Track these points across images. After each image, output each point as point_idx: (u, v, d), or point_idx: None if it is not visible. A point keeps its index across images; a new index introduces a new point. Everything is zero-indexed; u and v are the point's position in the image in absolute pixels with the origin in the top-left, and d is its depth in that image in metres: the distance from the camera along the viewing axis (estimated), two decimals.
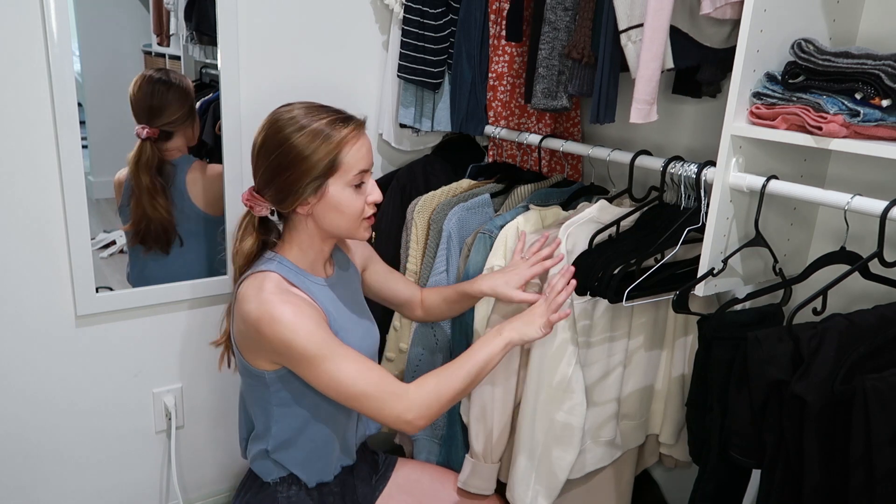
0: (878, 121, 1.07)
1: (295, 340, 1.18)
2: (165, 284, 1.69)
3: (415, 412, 1.21)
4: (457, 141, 1.98)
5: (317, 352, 1.19)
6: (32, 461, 1.64)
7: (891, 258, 1.11)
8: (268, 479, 1.37)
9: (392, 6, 1.77)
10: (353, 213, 1.27)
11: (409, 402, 1.21)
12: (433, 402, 1.22)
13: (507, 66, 1.68)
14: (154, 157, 1.64)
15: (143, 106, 1.62)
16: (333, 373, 1.20)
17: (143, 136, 1.62)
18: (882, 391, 0.97)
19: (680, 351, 1.59)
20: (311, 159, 1.21)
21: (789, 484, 1.10)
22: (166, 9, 1.61)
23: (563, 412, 1.40)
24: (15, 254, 1.50)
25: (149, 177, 1.64)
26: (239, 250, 1.30)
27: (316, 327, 1.20)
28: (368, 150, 1.27)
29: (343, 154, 1.23)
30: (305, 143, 1.21)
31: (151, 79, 1.63)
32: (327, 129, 1.22)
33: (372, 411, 1.21)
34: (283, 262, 1.28)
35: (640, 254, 1.32)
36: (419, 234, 1.70)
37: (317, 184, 1.23)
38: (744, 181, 1.21)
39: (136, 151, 1.63)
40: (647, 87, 1.28)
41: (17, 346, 1.56)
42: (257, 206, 1.28)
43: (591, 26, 1.38)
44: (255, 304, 1.20)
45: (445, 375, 1.24)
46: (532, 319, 1.28)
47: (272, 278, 1.23)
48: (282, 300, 1.20)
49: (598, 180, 1.77)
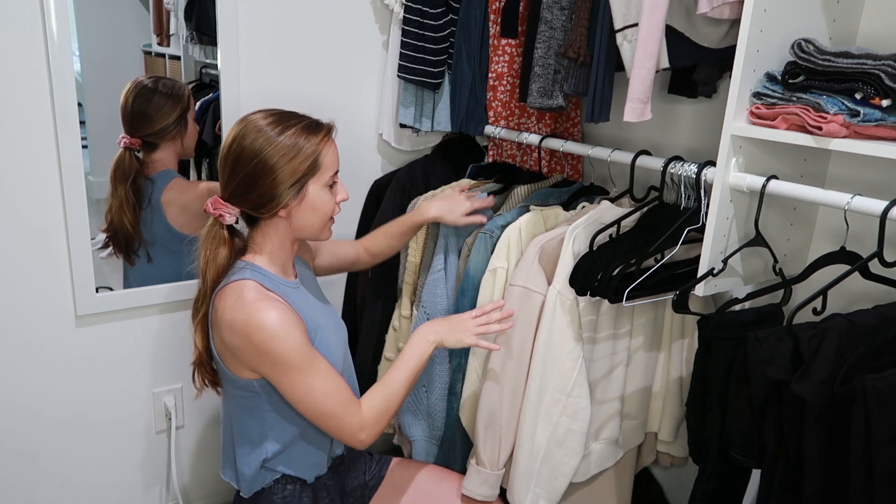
0: (878, 121, 1.07)
1: (280, 349, 1.20)
2: (165, 284, 1.69)
3: (367, 431, 1.27)
4: (457, 141, 1.97)
5: (297, 363, 1.21)
6: (32, 461, 1.64)
7: (891, 258, 1.11)
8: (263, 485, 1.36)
9: (392, 6, 1.77)
10: (326, 212, 1.31)
11: (363, 422, 1.26)
12: (382, 417, 1.29)
13: (507, 65, 1.68)
14: (132, 167, 1.61)
15: (125, 114, 1.60)
16: (308, 386, 1.23)
17: (121, 144, 1.59)
18: (882, 391, 0.97)
19: (677, 352, 1.59)
20: (294, 162, 1.23)
21: (789, 484, 1.10)
22: (166, 9, 1.61)
23: (567, 417, 1.40)
24: (15, 254, 1.50)
25: (123, 187, 1.61)
26: (211, 262, 1.28)
27: (299, 336, 1.22)
28: (337, 152, 1.32)
29: (322, 155, 1.26)
30: (287, 148, 1.23)
31: (139, 86, 1.60)
32: (305, 132, 1.26)
33: (330, 429, 1.26)
34: (256, 268, 1.28)
35: (640, 254, 1.32)
36: (418, 234, 1.70)
37: (298, 186, 1.25)
38: (744, 181, 1.21)
39: (115, 159, 1.60)
40: (642, 85, 1.28)
41: (17, 346, 1.56)
42: (227, 214, 1.27)
43: (587, 25, 1.38)
44: (241, 313, 1.20)
45: (390, 389, 1.30)
46: (464, 327, 1.36)
47: (250, 286, 1.23)
48: (267, 306, 1.20)
49: (599, 180, 1.77)
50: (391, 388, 1.31)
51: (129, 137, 1.60)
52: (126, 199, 1.62)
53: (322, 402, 1.24)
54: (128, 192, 1.61)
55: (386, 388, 1.31)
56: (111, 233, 1.64)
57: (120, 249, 1.66)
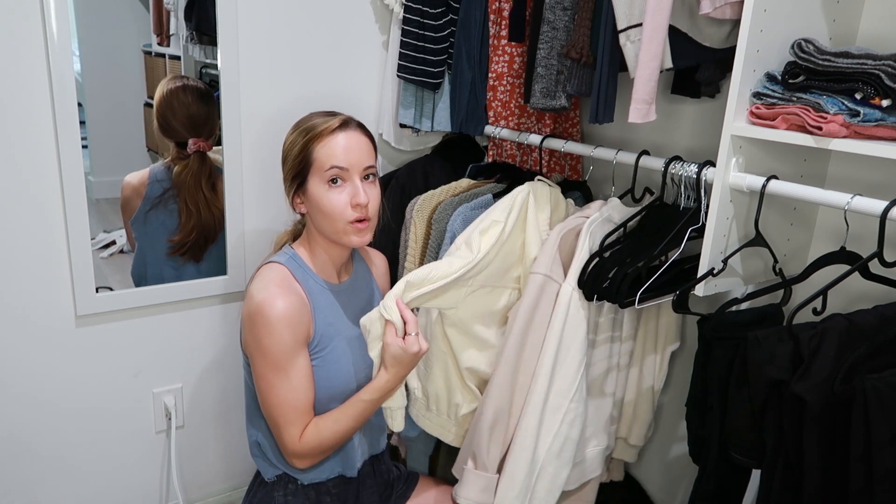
0: (878, 121, 1.07)
1: (264, 339, 1.22)
2: (165, 284, 1.69)
3: (303, 456, 1.27)
4: (457, 141, 1.97)
5: (273, 359, 1.23)
6: (32, 461, 1.64)
7: (891, 258, 1.11)
8: (266, 479, 1.37)
9: (392, 6, 1.77)
10: (333, 213, 1.25)
11: (303, 447, 1.26)
12: (325, 447, 1.29)
13: (507, 66, 1.68)
14: (205, 168, 1.65)
15: (190, 118, 1.62)
16: (271, 385, 1.24)
17: (193, 149, 1.63)
18: (882, 391, 0.97)
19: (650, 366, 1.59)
20: (290, 154, 1.29)
21: (789, 484, 1.10)
22: (166, 9, 1.61)
23: (566, 424, 1.37)
24: (15, 253, 1.50)
25: (200, 188, 1.66)
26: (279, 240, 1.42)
27: (289, 337, 1.23)
28: (350, 148, 1.26)
29: (314, 149, 1.25)
30: (288, 140, 1.31)
31: (190, 89, 1.63)
32: (307, 125, 1.28)
33: (275, 436, 1.29)
34: (295, 257, 1.33)
35: (646, 257, 1.32)
36: (418, 233, 1.69)
37: (298, 180, 1.28)
38: (744, 181, 1.21)
39: (183, 165, 1.63)
40: (646, 86, 1.28)
41: (17, 346, 1.56)
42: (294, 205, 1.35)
43: (589, 26, 1.38)
44: (256, 289, 1.25)
45: (342, 422, 1.28)
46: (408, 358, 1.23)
47: (278, 270, 1.29)
48: (279, 294, 1.23)
49: (599, 181, 1.77)
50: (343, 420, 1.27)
51: (202, 141, 1.63)
52: (210, 199, 1.67)
53: (274, 406, 1.25)
54: (206, 188, 1.66)
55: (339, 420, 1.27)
56: (191, 236, 1.67)
57: (194, 249, 1.70)
